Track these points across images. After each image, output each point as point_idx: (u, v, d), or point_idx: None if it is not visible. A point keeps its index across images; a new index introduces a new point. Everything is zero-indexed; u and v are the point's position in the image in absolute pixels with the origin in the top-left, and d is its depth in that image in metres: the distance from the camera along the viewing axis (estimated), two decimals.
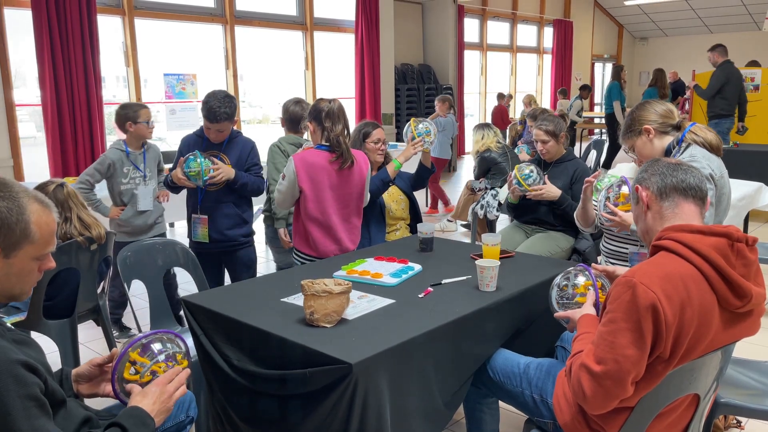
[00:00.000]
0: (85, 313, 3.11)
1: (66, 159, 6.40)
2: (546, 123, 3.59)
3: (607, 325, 1.54)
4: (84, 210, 2.96)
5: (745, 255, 1.58)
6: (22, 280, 1.41)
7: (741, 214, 4.93)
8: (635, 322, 1.48)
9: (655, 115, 2.52)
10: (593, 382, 1.53)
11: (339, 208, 2.94)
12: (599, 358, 1.53)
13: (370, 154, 3.32)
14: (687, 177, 1.70)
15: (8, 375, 1.22)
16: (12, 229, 1.34)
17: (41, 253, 1.41)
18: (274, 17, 8.65)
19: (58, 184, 2.91)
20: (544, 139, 3.59)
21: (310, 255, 2.96)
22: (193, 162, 3.06)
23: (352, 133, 3.32)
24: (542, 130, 3.59)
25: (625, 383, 1.51)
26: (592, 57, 16.25)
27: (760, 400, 2.15)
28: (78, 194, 2.98)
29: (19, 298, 1.44)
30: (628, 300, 1.49)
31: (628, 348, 1.49)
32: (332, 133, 2.87)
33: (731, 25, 15.73)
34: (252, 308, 2.11)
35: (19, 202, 1.36)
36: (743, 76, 7.67)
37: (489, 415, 2.27)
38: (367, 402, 1.71)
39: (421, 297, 2.21)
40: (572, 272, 1.99)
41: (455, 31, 11.47)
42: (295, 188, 2.86)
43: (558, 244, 3.56)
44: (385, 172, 3.27)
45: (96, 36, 6.49)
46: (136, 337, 1.57)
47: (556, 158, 3.64)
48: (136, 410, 1.42)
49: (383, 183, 3.25)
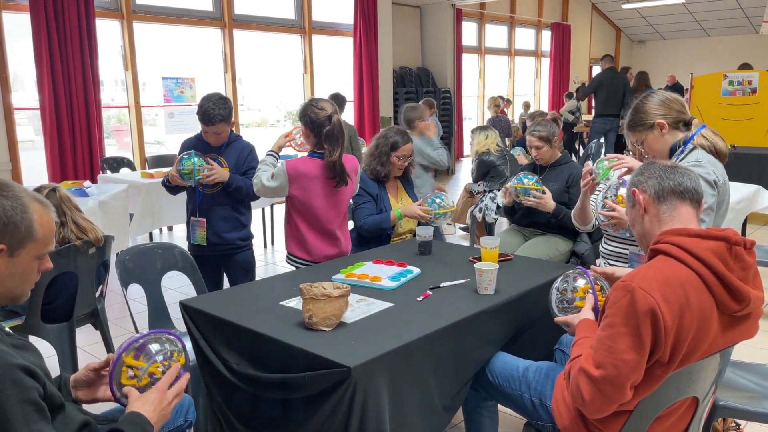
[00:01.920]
0: (83, 317, 3.10)
1: (64, 163, 6.39)
2: (539, 129, 3.60)
3: (606, 330, 1.54)
4: (78, 213, 2.95)
5: (743, 258, 1.58)
6: (24, 280, 1.42)
7: (739, 217, 4.93)
8: (634, 327, 1.48)
9: (669, 109, 2.37)
10: (592, 386, 1.53)
11: (331, 212, 2.95)
12: (598, 363, 1.53)
13: (392, 167, 3.24)
14: (684, 180, 1.70)
15: (7, 379, 1.22)
16: (18, 227, 1.35)
17: (42, 252, 1.42)
18: (273, 21, 8.66)
19: (51, 188, 2.90)
20: (537, 145, 3.60)
21: (305, 259, 2.97)
22: (187, 161, 3.09)
23: (378, 139, 3.28)
24: (535, 137, 3.60)
25: (624, 388, 1.51)
26: (590, 60, 16.28)
27: (759, 403, 2.15)
28: (71, 198, 2.97)
29: (19, 300, 1.44)
30: (627, 304, 1.49)
31: (627, 353, 1.49)
32: (330, 158, 2.82)
33: (729, 29, 15.78)
34: (251, 312, 2.11)
35: (21, 201, 1.37)
36: (627, 81, 9.38)
37: (488, 418, 2.26)
38: (366, 405, 1.70)
39: (420, 300, 2.21)
40: (571, 275, 1.99)
41: (453, 34, 11.50)
42: (284, 192, 2.88)
43: (556, 247, 3.56)
44: (387, 221, 3.18)
45: (94, 39, 6.50)
46: (130, 339, 1.55)
47: (551, 162, 3.65)
48: (136, 417, 1.41)
49: (382, 230, 3.20)
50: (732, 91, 8.04)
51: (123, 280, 2.73)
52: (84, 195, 4.41)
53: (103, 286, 3.25)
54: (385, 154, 3.24)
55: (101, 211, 4.30)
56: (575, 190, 3.45)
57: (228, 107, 3.13)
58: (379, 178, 3.31)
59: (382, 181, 3.33)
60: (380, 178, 3.31)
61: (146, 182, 5.45)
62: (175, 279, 3.85)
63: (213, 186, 3.19)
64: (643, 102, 2.43)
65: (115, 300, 4.46)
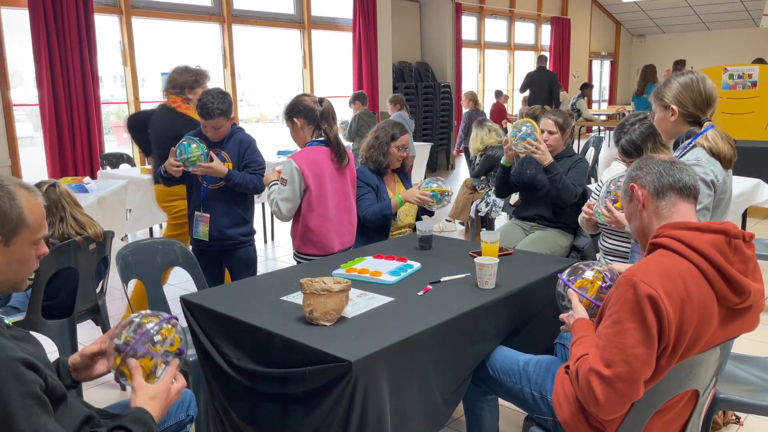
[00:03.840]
0: (84, 312, 3.11)
1: (64, 159, 6.39)
2: (557, 115, 3.63)
3: (613, 327, 1.52)
4: (78, 209, 2.95)
5: (742, 251, 1.58)
6: (23, 267, 1.43)
7: (739, 210, 4.94)
8: (641, 321, 1.47)
9: (686, 100, 2.30)
10: (606, 386, 1.50)
11: (339, 200, 3.03)
12: (608, 361, 1.50)
13: (391, 158, 3.31)
14: (683, 176, 1.69)
15: (8, 373, 1.22)
16: (8, 216, 1.36)
17: (36, 238, 1.43)
18: (272, 16, 8.64)
19: (50, 184, 2.90)
20: (551, 129, 3.59)
21: (314, 254, 2.99)
22: (191, 147, 3.08)
23: (377, 131, 3.35)
24: (552, 120, 3.60)
25: (638, 384, 1.49)
26: (589, 54, 16.25)
27: (760, 396, 2.15)
28: (71, 193, 2.97)
29: (19, 287, 1.45)
30: (631, 298, 1.49)
31: (637, 347, 1.47)
32: (331, 133, 2.99)
33: (728, 22, 15.74)
34: (251, 307, 2.11)
35: (7, 189, 1.37)
36: (554, 79, 10.41)
37: (489, 412, 2.27)
38: (367, 400, 1.71)
39: (420, 295, 2.21)
40: (580, 266, 1.95)
41: (453, 28, 11.47)
42: (301, 188, 2.91)
43: (557, 241, 3.57)
44: (388, 207, 3.21)
45: (93, 35, 6.48)
46: (131, 344, 1.49)
47: (556, 153, 3.64)
48: (143, 414, 1.41)
49: (384, 217, 3.23)
50: (732, 85, 8.03)
51: (123, 276, 2.73)
52: (84, 191, 4.41)
53: (104, 282, 3.26)
54: (386, 144, 3.30)
55: (99, 207, 4.30)
56: (574, 173, 3.52)
57: (227, 102, 3.13)
58: (380, 170, 3.34)
59: (382, 173, 3.36)
60: (380, 170, 3.34)
61: (146, 178, 5.44)
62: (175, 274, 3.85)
63: (217, 182, 3.19)
64: (671, 80, 2.37)
65: (116, 296, 4.47)
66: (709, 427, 2.14)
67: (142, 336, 1.49)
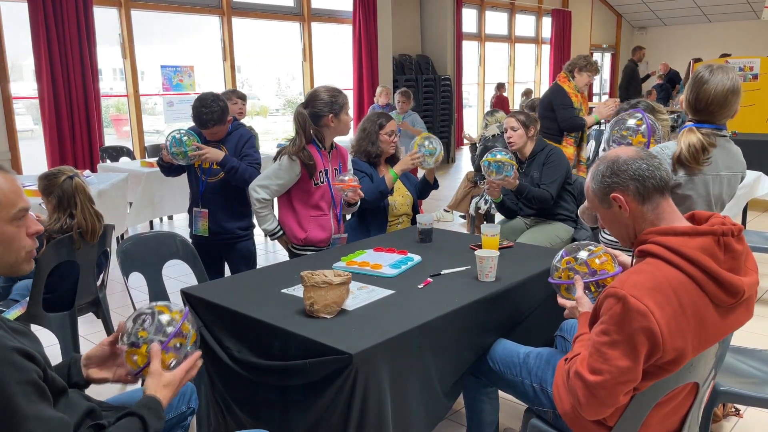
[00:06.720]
0: (85, 305, 3.11)
1: (64, 152, 6.38)
2: (520, 114, 3.74)
3: (601, 336, 1.54)
4: (90, 206, 2.90)
5: (732, 248, 1.56)
6: (10, 248, 1.35)
7: (740, 203, 4.94)
8: (627, 335, 1.47)
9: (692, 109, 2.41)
10: (587, 391, 1.55)
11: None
12: (593, 369, 1.54)
13: (384, 145, 3.34)
14: (661, 173, 1.65)
15: (5, 361, 1.21)
16: None
17: (12, 214, 1.33)
18: (272, 8, 8.61)
19: (69, 175, 2.82)
20: (513, 125, 3.69)
21: (307, 245, 3.00)
22: (175, 144, 3.12)
23: (364, 123, 3.40)
24: (514, 118, 3.70)
25: (617, 394, 1.52)
26: (590, 47, 16.20)
27: (759, 388, 2.16)
28: (87, 189, 2.90)
29: (18, 268, 1.38)
30: (619, 313, 1.48)
31: (621, 359, 1.49)
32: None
33: (730, 14, 15.67)
34: (252, 300, 2.11)
35: None
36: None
37: (489, 404, 2.27)
38: (368, 392, 1.71)
39: (421, 288, 2.21)
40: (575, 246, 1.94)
41: (453, 21, 11.43)
42: (295, 175, 2.93)
43: (557, 234, 3.57)
44: (383, 183, 3.23)
45: (92, 28, 6.47)
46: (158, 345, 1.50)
47: (528, 152, 3.71)
48: (154, 403, 1.40)
49: (381, 194, 3.23)
50: None
51: (124, 269, 2.73)
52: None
53: (104, 275, 3.26)
54: (375, 133, 3.33)
55: (100, 200, 4.30)
56: (547, 170, 3.61)
57: (220, 108, 3.11)
58: (371, 159, 3.35)
59: (374, 162, 3.38)
60: (371, 159, 3.36)
61: (146, 171, 5.45)
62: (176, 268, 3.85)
63: (215, 174, 3.19)
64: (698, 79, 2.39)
65: (117, 289, 4.47)
66: (710, 420, 2.14)
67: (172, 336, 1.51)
